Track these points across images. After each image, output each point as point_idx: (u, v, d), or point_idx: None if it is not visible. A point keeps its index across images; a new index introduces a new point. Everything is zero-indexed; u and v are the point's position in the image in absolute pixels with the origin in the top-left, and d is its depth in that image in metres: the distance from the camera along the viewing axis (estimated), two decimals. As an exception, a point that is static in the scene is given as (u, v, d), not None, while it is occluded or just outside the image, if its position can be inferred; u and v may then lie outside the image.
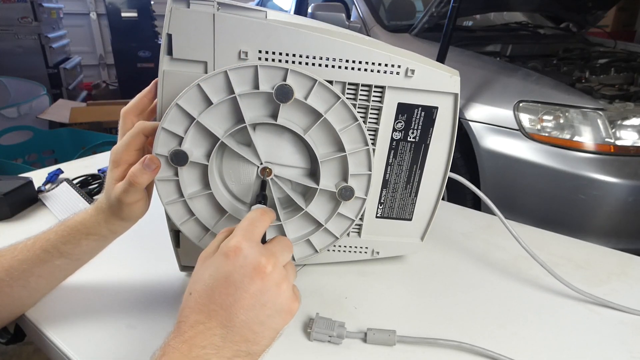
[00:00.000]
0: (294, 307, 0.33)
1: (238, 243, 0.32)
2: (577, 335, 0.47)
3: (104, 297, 0.49)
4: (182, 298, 0.32)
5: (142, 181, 0.40)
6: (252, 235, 0.33)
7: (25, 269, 0.43)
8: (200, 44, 0.41)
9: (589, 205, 1.23)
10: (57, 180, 0.79)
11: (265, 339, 0.32)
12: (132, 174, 0.40)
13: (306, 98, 0.41)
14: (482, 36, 1.96)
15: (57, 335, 0.44)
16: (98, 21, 4.69)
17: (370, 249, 0.56)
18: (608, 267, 0.60)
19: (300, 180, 0.45)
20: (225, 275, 0.31)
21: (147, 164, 0.40)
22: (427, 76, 0.45)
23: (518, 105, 1.33)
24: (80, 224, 0.43)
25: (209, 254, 0.33)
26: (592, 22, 2.18)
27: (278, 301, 0.32)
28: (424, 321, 0.48)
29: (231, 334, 0.30)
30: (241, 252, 0.31)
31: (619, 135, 1.23)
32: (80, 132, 2.06)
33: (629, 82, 1.50)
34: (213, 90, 0.40)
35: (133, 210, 0.42)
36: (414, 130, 0.48)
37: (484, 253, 0.62)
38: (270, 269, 0.32)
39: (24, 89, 2.68)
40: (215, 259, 0.32)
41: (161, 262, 0.55)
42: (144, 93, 0.44)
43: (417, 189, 0.52)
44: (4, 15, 3.05)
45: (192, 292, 0.32)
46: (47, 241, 0.43)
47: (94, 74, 4.76)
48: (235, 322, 0.30)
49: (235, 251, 0.31)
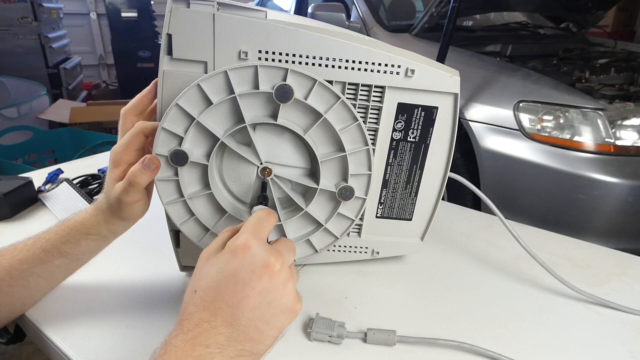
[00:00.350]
0: (297, 307, 0.33)
1: (247, 240, 0.32)
2: (577, 335, 0.47)
3: (104, 297, 0.49)
4: (184, 296, 0.32)
5: (141, 181, 0.40)
6: (260, 233, 0.33)
7: (25, 268, 0.43)
8: (200, 44, 0.41)
9: (589, 205, 1.23)
10: (57, 180, 0.79)
11: (269, 339, 0.32)
12: (131, 173, 0.40)
13: (306, 98, 0.41)
14: (482, 36, 1.96)
15: (57, 335, 0.43)
16: (98, 21, 4.69)
17: (370, 249, 0.56)
18: (608, 267, 0.60)
19: (300, 180, 0.45)
20: (232, 272, 0.31)
21: (147, 164, 0.40)
22: (427, 76, 0.45)
23: (518, 105, 1.33)
24: (80, 223, 0.43)
25: (211, 252, 0.33)
26: (592, 22, 2.18)
27: (283, 300, 0.32)
28: (424, 321, 0.48)
29: (236, 332, 0.30)
30: (250, 249, 0.31)
31: (619, 135, 1.23)
32: (80, 132, 2.06)
33: (629, 82, 1.50)
34: (213, 90, 0.40)
35: (133, 210, 0.42)
36: (414, 130, 0.48)
37: (484, 253, 0.62)
38: (278, 268, 0.32)
39: (24, 89, 2.68)
40: (222, 256, 0.32)
41: (161, 262, 0.55)
42: (143, 93, 0.44)
43: (417, 189, 0.52)
44: (4, 15, 3.05)
45: (197, 289, 0.31)
46: (47, 241, 0.43)
47: (94, 74, 4.76)
48: (241, 321, 0.30)
49: (244, 248, 0.31)
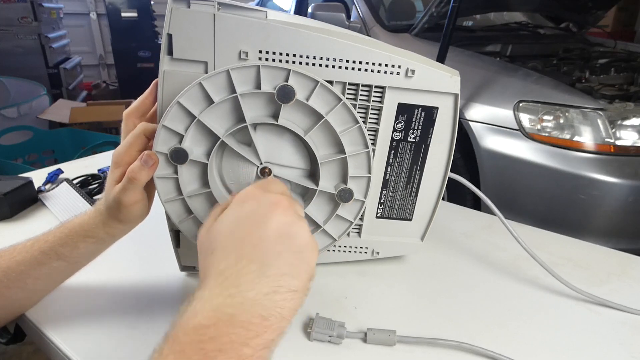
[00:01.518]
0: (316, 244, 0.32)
1: (250, 190, 0.34)
2: (577, 335, 0.47)
3: (104, 297, 0.49)
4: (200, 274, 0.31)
5: (140, 177, 0.40)
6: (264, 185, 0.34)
7: (23, 270, 0.42)
8: (200, 44, 0.40)
9: (589, 205, 1.23)
10: (57, 180, 0.79)
11: (302, 273, 0.30)
12: (130, 170, 0.40)
13: (308, 99, 0.41)
14: (482, 36, 1.96)
15: (57, 335, 0.43)
16: (98, 21, 4.69)
17: (370, 249, 0.56)
18: (608, 267, 0.60)
19: (300, 181, 0.45)
20: (245, 216, 0.31)
21: (145, 160, 0.40)
22: (427, 76, 0.45)
23: (518, 105, 1.33)
24: (79, 226, 0.43)
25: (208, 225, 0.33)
26: (592, 22, 2.18)
27: (303, 233, 0.31)
28: (424, 321, 0.48)
29: (265, 267, 0.29)
30: (255, 195, 0.33)
31: (619, 135, 1.23)
32: (80, 132, 2.06)
33: (629, 82, 1.50)
34: (215, 89, 0.40)
35: (131, 212, 0.42)
36: (414, 131, 0.48)
37: (484, 253, 0.62)
38: (287, 204, 0.32)
39: (24, 89, 2.68)
40: (230, 210, 0.33)
41: (161, 262, 0.55)
42: (145, 95, 0.44)
43: (417, 189, 0.52)
44: (4, 15, 3.05)
45: (214, 249, 0.31)
46: (45, 243, 0.43)
47: (94, 74, 4.76)
48: (269, 255, 0.29)
49: (250, 195, 0.33)
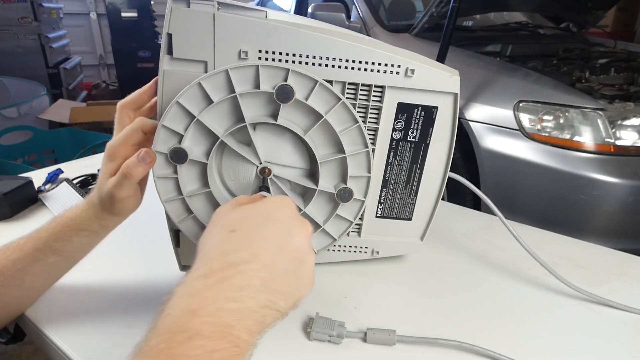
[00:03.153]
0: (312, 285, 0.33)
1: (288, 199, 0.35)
2: (577, 335, 0.47)
3: (103, 297, 0.49)
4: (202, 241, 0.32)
5: (135, 174, 0.39)
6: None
7: (19, 268, 0.42)
8: (200, 44, 0.40)
9: (589, 205, 1.23)
10: (57, 180, 0.79)
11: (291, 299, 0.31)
12: (126, 166, 0.39)
13: (307, 99, 0.41)
14: (482, 36, 1.96)
15: (57, 335, 0.43)
16: (98, 21, 4.69)
17: (370, 249, 0.56)
18: (608, 267, 0.60)
19: (299, 180, 0.45)
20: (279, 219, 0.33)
21: (143, 157, 0.39)
22: (427, 76, 0.45)
23: (518, 105, 1.33)
24: (71, 219, 0.43)
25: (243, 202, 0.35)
26: (592, 22, 2.18)
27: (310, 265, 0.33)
28: (424, 321, 0.48)
29: (270, 279, 0.29)
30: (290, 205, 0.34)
31: (619, 135, 1.23)
32: (80, 132, 2.06)
33: (629, 82, 1.50)
34: (214, 88, 0.40)
35: (124, 205, 0.41)
36: (413, 130, 0.48)
37: (484, 253, 0.62)
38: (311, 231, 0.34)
39: (24, 89, 2.68)
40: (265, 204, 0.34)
41: (161, 262, 0.55)
42: (143, 89, 0.44)
43: (417, 188, 0.52)
44: (4, 15, 3.05)
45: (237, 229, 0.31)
46: (39, 239, 0.43)
47: (94, 74, 4.76)
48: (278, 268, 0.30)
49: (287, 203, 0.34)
